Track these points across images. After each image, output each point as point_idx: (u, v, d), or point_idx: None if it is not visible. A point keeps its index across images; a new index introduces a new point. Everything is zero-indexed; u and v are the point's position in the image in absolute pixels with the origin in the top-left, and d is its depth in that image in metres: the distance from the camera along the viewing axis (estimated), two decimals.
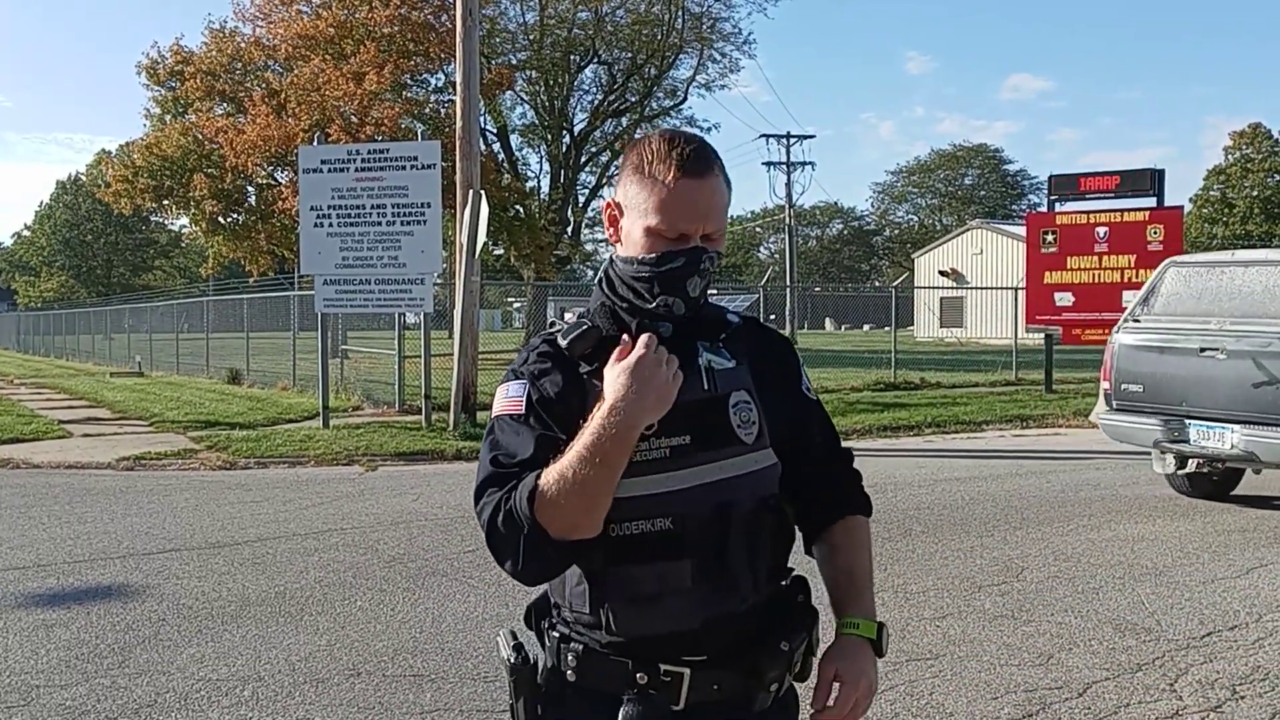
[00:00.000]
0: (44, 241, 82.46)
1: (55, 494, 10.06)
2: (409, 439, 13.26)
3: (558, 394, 1.78)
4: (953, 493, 9.85)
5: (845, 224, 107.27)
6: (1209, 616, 5.86)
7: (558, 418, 1.76)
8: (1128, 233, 18.68)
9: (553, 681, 1.84)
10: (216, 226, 30.74)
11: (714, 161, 1.83)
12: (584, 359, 1.80)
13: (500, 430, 1.80)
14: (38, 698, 4.66)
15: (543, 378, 1.80)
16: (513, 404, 1.80)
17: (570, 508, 1.66)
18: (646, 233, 1.80)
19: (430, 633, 5.57)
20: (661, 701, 1.76)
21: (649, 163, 1.81)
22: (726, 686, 1.81)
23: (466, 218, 13.84)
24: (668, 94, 42.52)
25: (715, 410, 1.83)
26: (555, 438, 1.74)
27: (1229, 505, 9.18)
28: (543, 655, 1.87)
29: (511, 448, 1.76)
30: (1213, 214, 75.78)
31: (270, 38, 29.81)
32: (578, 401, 1.76)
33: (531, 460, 1.73)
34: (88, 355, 39.62)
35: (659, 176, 1.79)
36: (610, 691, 1.78)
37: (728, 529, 1.79)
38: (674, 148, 1.81)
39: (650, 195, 1.80)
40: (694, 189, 1.79)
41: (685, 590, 1.77)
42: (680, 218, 1.79)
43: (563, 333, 1.83)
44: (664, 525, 1.76)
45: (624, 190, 1.85)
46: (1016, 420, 16.01)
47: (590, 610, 1.79)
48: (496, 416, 1.82)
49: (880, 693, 4.68)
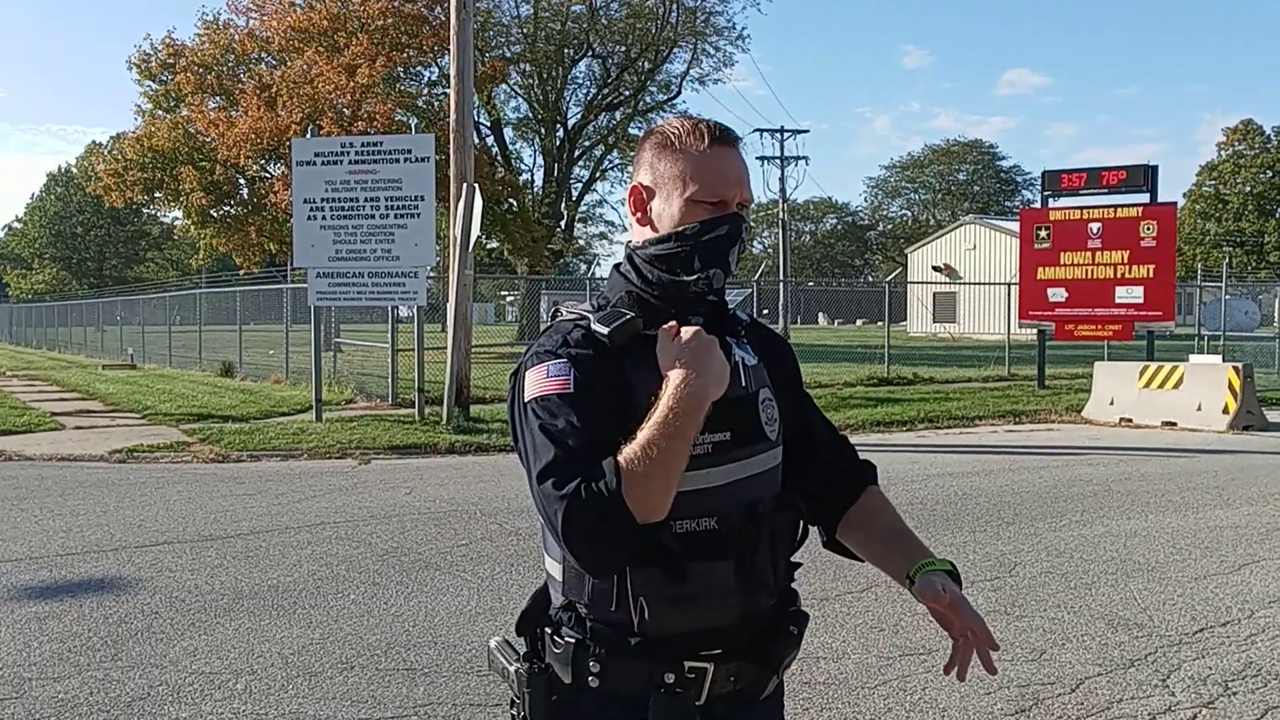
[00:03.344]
0: (35, 233, 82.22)
1: (47, 486, 10.04)
2: (402, 432, 13.25)
3: (601, 378, 1.74)
4: (945, 488, 9.86)
5: (839, 219, 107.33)
6: (1201, 612, 5.87)
7: (602, 401, 1.72)
8: (1121, 228, 18.72)
9: (572, 688, 1.79)
10: (207, 219, 30.68)
11: (738, 136, 1.88)
12: (623, 349, 1.76)
13: (549, 411, 1.70)
14: (30, 690, 4.65)
15: (584, 360, 1.75)
16: (557, 383, 1.72)
17: (655, 487, 1.63)
18: (687, 204, 1.81)
19: (423, 626, 5.56)
20: (687, 699, 1.76)
21: (678, 137, 1.83)
22: (743, 676, 1.82)
23: (460, 211, 13.81)
24: (661, 88, 42.53)
25: (749, 407, 1.85)
26: (609, 419, 1.69)
27: (1221, 502, 9.21)
28: (554, 663, 1.81)
29: (569, 428, 1.68)
30: (1206, 210, 75.98)
31: (264, 30, 29.73)
32: (619, 389, 1.73)
33: (598, 441, 1.66)
34: (80, 348, 39.53)
35: (692, 148, 1.82)
36: (634, 693, 1.76)
37: (760, 527, 1.80)
38: (699, 122, 1.85)
39: (686, 166, 1.81)
40: (728, 155, 1.83)
41: (728, 590, 1.77)
42: (720, 182, 1.81)
43: (599, 320, 1.77)
44: (709, 525, 1.76)
45: (651, 171, 1.84)
46: (1009, 416, 16.04)
47: (619, 609, 1.74)
48: (540, 397, 1.72)
49: (873, 688, 4.70)
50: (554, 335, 1.80)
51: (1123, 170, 19.25)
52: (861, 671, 4.91)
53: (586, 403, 1.70)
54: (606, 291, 1.90)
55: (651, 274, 1.84)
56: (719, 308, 1.89)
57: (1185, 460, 11.80)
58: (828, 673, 4.89)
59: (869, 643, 5.31)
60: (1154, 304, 18.62)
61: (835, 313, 62.19)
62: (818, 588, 6.22)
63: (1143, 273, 18.58)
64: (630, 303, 1.84)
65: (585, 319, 1.81)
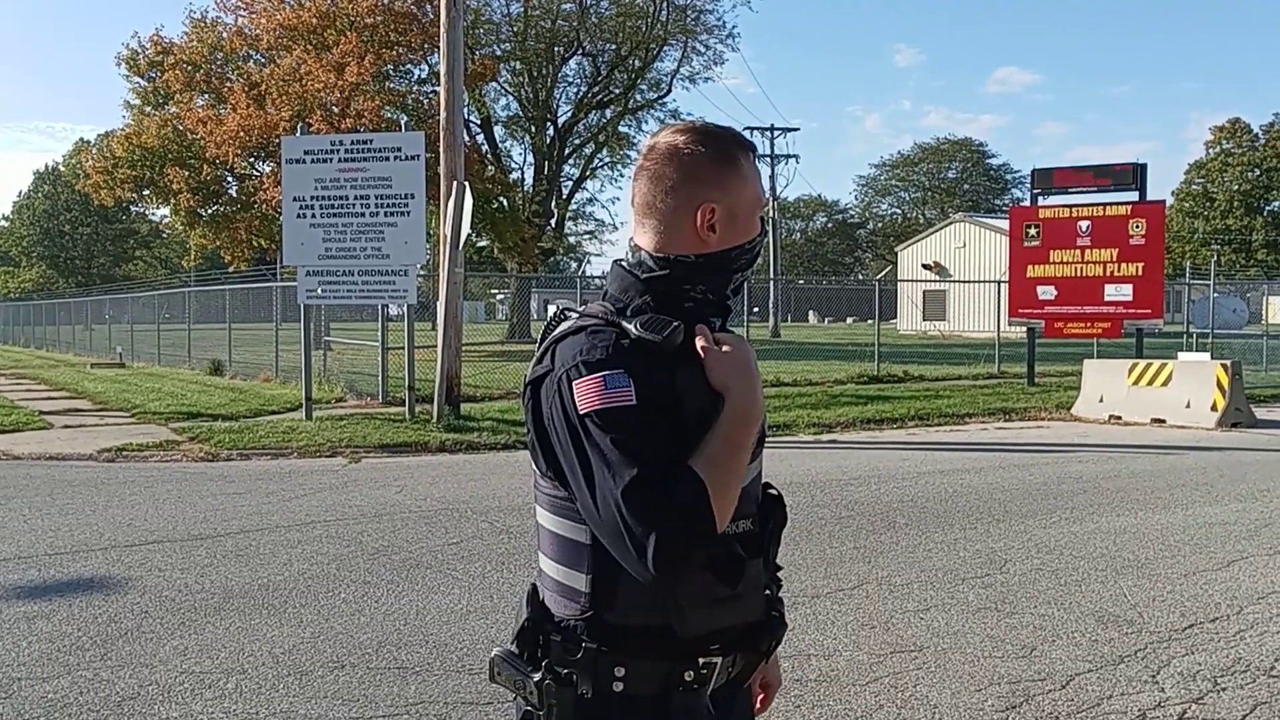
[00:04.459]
0: (23, 231, 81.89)
1: (36, 485, 9.99)
2: (392, 431, 13.22)
3: (656, 387, 1.71)
4: (936, 485, 9.88)
5: (829, 217, 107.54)
6: (1190, 609, 5.89)
7: (663, 411, 1.70)
8: (1110, 227, 18.78)
9: (594, 695, 1.77)
10: (196, 218, 30.59)
11: None
12: (669, 356, 1.74)
13: (618, 426, 1.66)
14: (19, 690, 4.63)
15: (639, 371, 1.71)
16: (621, 395, 1.68)
17: (729, 499, 1.68)
18: (753, 218, 1.88)
19: (414, 625, 5.56)
20: (703, 694, 1.80)
21: (733, 156, 1.86)
22: (739, 666, 1.86)
23: (450, 209, 13.79)
24: (652, 86, 42.52)
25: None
26: (669, 430, 1.69)
27: (1210, 498, 9.24)
28: (574, 671, 1.78)
29: (645, 444, 1.66)
30: (1193, 208, 76.29)
31: (252, 27, 29.65)
32: (670, 396, 1.72)
33: (672, 455, 1.66)
34: (68, 346, 39.40)
35: (749, 164, 1.88)
36: (653, 694, 1.77)
37: (770, 520, 1.89)
38: (735, 134, 1.90)
39: (751, 185, 1.87)
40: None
41: (760, 585, 1.85)
42: (764, 192, 1.94)
43: (644, 326, 1.74)
44: (747, 526, 1.82)
45: (724, 191, 1.84)
46: (999, 413, 16.08)
47: (654, 614, 1.74)
48: (602, 410, 1.67)
49: (864, 685, 4.70)
50: (595, 342, 1.74)
51: (1112, 168, 19.31)
52: (853, 669, 4.91)
53: (653, 416, 1.68)
54: (618, 294, 1.85)
55: (696, 283, 1.84)
56: (728, 310, 1.93)
57: (1174, 457, 11.85)
58: (819, 670, 4.89)
59: (860, 640, 5.31)
60: (1143, 302, 18.68)
61: (825, 311, 62.32)
62: (809, 585, 6.23)
63: (1132, 271, 18.64)
64: (657, 307, 1.81)
65: (615, 324, 1.77)
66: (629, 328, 1.75)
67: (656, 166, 1.84)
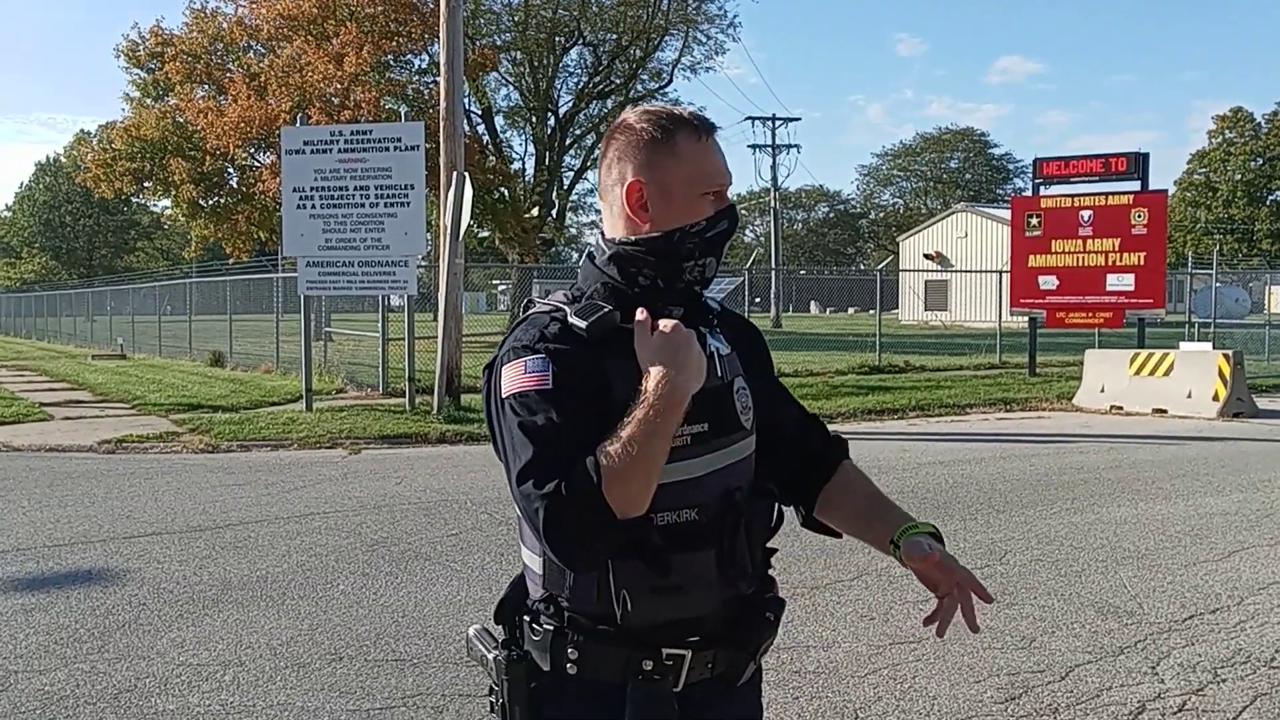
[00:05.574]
0: (24, 223, 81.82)
1: (35, 477, 9.99)
2: (392, 422, 13.21)
3: (580, 372, 1.72)
4: (936, 476, 9.86)
5: (831, 207, 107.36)
6: (1190, 600, 5.88)
7: (581, 396, 1.70)
8: (1112, 216, 18.72)
9: (550, 676, 1.79)
10: (197, 210, 30.56)
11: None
12: (600, 342, 1.74)
13: (528, 408, 1.69)
14: (16, 683, 4.63)
15: (562, 355, 1.73)
16: (536, 379, 1.71)
17: (636, 483, 1.63)
18: (696, 199, 1.81)
19: (413, 617, 5.55)
20: (664, 685, 1.77)
21: (667, 132, 1.81)
22: (720, 662, 1.83)
23: (450, 199, 13.76)
24: (653, 76, 42.34)
25: (725, 396, 1.85)
26: (588, 414, 1.68)
27: (1211, 489, 9.23)
28: (533, 650, 1.81)
29: (549, 425, 1.67)
30: (1196, 197, 76.13)
31: (253, 18, 29.57)
32: (597, 382, 1.72)
33: (576, 438, 1.65)
34: (69, 337, 39.41)
35: (688, 141, 1.82)
36: (612, 681, 1.77)
37: (739, 516, 1.81)
38: (683, 113, 1.85)
39: (688, 161, 1.81)
40: (715, 145, 1.86)
41: (710, 579, 1.78)
42: (717, 174, 1.84)
43: (576, 313, 1.75)
44: (690, 516, 1.77)
45: (650, 167, 1.81)
46: (1000, 404, 16.06)
47: (601, 600, 1.74)
48: (518, 393, 1.71)
49: (863, 676, 4.69)
50: (530, 329, 1.78)
51: (1117, 158, 19.23)
52: (851, 660, 4.90)
53: (565, 399, 1.69)
54: (580, 283, 1.87)
55: (648, 266, 1.82)
56: (697, 299, 1.89)
57: (1175, 447, 11.83)
58: (817, 661, 4.88)
59: (859, 631, 5.31)
60: (1145, 291, 18.64)
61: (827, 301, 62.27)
62: (808, 576, 6.22)
63: (1133, 260, 18.60)
64: (606, 295, 1.82)
65: (560, 311, 1.79)
66: (567, 314, 1.77)
67: (602, 149, 1.87)
